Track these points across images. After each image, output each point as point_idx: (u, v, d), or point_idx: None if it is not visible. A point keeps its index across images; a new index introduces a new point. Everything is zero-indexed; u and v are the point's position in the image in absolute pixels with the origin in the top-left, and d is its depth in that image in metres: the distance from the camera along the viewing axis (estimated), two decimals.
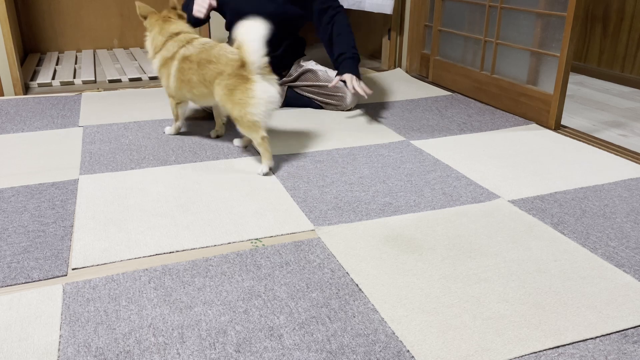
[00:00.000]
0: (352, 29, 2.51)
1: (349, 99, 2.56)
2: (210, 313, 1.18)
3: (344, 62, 2.46)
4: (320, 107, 2.62)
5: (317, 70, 2.58)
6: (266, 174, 1.89)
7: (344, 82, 2.44)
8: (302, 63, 2.64)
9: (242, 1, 2.47)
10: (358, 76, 2.44)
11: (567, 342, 1.09)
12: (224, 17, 2.57)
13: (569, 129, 2.37)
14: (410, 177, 1.86)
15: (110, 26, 3.99)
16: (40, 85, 3.03)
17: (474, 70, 2.83)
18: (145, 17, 2.20)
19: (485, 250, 1.42)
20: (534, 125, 2.42)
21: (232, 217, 1.59)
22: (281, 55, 2.61)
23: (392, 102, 2.77)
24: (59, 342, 1.10)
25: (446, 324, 1.14)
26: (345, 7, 3.47)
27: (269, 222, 1.56)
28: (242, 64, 1.86)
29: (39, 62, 3.54)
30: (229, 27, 2.52)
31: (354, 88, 2.40)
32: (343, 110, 2.61)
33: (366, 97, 2.42)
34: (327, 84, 2.55)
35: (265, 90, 1.87)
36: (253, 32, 1.86)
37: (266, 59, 1.89)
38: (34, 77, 3.17)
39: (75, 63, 3.54)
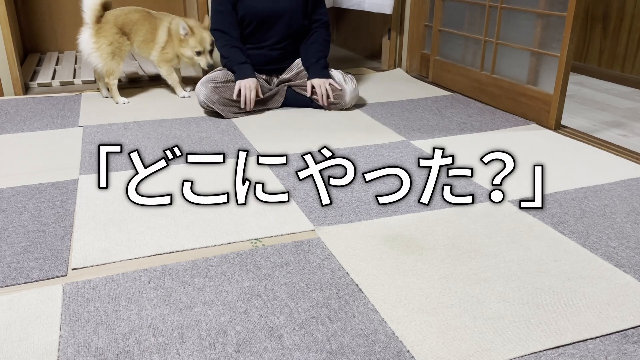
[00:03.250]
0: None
1: (347, 97, 2.57)
2: (210, 313, 1.18)
3: (311, 67, 2.56)
4: (320, 107, 2.62)
5: None
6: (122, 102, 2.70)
7: (313, 87, 2.55)
8: (301, 63, 2.64)
9: None
10: (327, 77, 2.56)
11: (567, 342, 1.09)
12: (236, 13, 2.55)
13: (569, 129, 2.37)
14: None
15: None
16: (40, 85, 3.03)
17: (474, 70, 2.83)
18: None
19: (485, 250, 1.42)
20: (534, 125, 2.42)
21: (232, 217, 1.59)
22: (281, 55, 2.62)
23: (392, 102, 2.77)
24: (59, 342, 1.10)
25: (446, 324, 1.14)
26: (345, 7, 3.49)
27: (269, 222, 1.56)
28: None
29: (39, 62, 3.53)
30: (241, 23, 2.53)
31: (323, 92, 2.52)
32: (342, 109, 2.61)
33: (325, 103, 2.55)
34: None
35: (78, 41, 2.64)
36: None
37: (87, 18, 2.59)
38: (34, 77, 3.17)
39: (75, 63, 3.53)
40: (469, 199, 1.69)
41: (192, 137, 2.24)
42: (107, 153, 1.94)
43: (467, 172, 1.89)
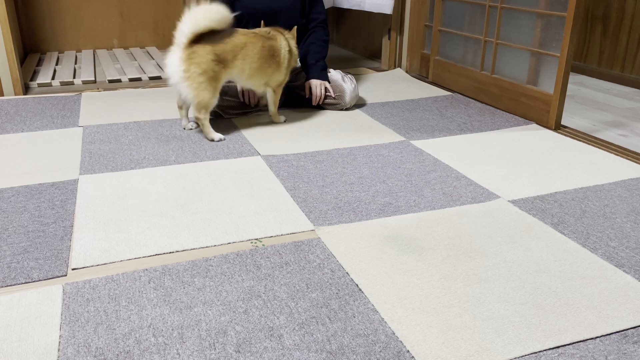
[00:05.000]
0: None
1: (347, 97, 2.57)
2: (210, 313, 1.18)
3: (310, 69, 2.56)
4: (320, 107, 2.62)
5: None
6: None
7: (311, 87, 2.56)
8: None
9: None
10: (325, 79, 2.57)
11: (567, 342, 1.09)
12: (233, 11, 2.54)
13: (569, 129, 2.37)
14: (410, 177, 1.86)
15: (110, 26, 3.99)
16: (40, 85, 3.03)
17: (474, 70, 2.83)
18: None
19: (485, 250, 1.42)
20: (534, 125, 2.42)
21: (232, 217, 1.59)
22: None
23: (392, 102, 2.77)
24: (59, 342, 1.09)
25: (446, 324, 1.14)
26: (345, 7, 3.49)
27: (269, 222, 1.56)
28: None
29: (39, 62, 3.54)
30: (239, 22, 2.52)
31: (318, 93, 2.54)
32: (342, 110, 2.61)
33: (314, 103, 2.56)
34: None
35: (165, 63, 2.14)
36: (203, 13, 2.07)
37: (180, 39, 2.09)
38: (34, 77, 3.17)
39: (75, 63, 3.54)
40: (469, 199, 1.69)
41: (192, 137, 2.24)
42: (108, 153, 1.94)
43: (467, 173, 1.89)
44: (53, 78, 3.13)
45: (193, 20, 2.05)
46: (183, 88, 2.11)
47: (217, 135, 2.21)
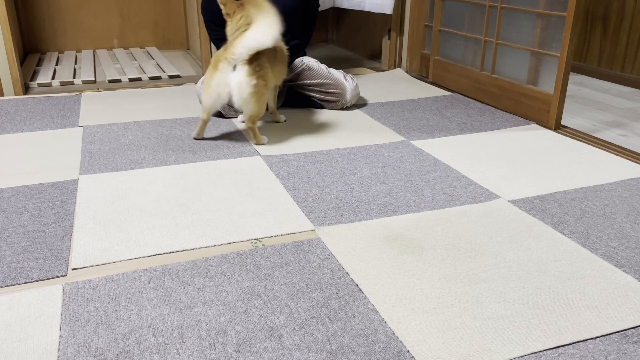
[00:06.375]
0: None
1: (348, 95, 2.57)
2: (210, 313, 1.18)
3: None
4: (320, 107, 2.62)
5: (316, 68, 2.59)
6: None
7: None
8: (302, 61, 2.64)
9: None
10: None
11: (567, 342, 1.09)
12: None
13: (569, 129, 2.37)
14: (410, 177, 1.86)
15: (110, 26, 3.99)
16: (40, 85, 3.03)
17: (474, 70, 2.83)
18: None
19: (485, 250, 1.42)
20: (534, 125, 2.42)
21: (232, 217, 1.59)
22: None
23: (392, 102, 2.77)
24: (59, 342, 1.09)
25: (446, 324, 1.14)
26: (345, 7, 3.48)
27: (269, 222, 1.56)
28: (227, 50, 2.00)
29: (39, 62, 3.54)
30: None
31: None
32: (342, 108, 2.61)
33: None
34: (327, 81, 2.55)
35: (219, 81, 2.00)
36: (263, 32, 1.94)
37: (245, 55, 1.95)
38: (34, 77, 3.17)
39: (75, 63, 3.54)
40: (469, 199, 1.69)
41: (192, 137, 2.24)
42: (108, 153, 1.94)
43: (467, 173, 1.89)
44: (53, 78, 3.13)
45: (265, 38, 1.94)
46: (249, 103, 2.01)
47: (265, 139, 2.17)
